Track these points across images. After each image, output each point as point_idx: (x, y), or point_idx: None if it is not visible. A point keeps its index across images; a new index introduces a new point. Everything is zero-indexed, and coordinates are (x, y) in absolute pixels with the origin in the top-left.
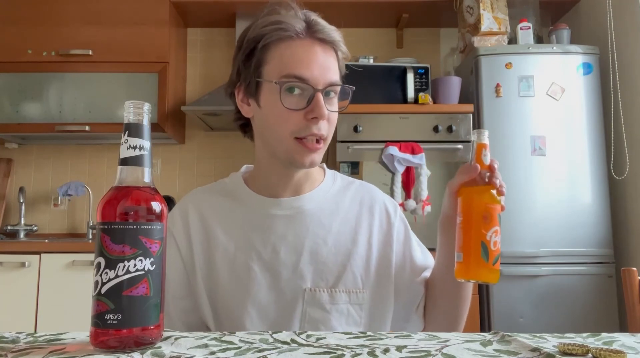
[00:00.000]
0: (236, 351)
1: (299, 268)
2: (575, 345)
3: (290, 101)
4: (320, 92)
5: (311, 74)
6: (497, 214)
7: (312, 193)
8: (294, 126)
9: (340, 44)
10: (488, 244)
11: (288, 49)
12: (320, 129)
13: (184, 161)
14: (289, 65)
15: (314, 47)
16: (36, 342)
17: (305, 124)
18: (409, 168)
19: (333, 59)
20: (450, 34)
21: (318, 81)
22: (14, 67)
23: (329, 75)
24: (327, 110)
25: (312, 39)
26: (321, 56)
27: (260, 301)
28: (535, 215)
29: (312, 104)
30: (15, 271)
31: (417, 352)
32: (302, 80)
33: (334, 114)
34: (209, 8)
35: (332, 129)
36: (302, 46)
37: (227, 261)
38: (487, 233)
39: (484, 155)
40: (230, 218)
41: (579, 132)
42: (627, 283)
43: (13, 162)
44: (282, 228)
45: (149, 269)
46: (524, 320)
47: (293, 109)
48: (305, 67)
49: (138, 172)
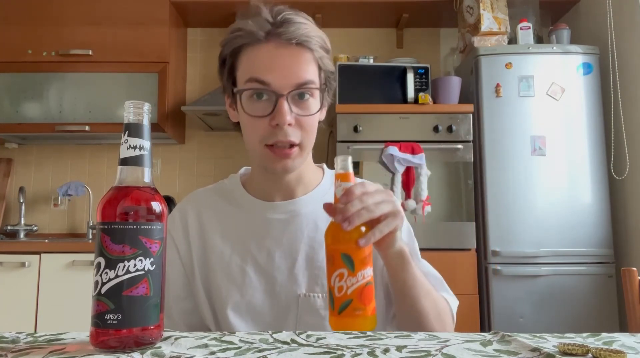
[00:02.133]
0: (236, 351)
1: (294, 273)
2: (575, 345)
3: (255, 108)
4: (285, 97)
5: (273, 78)
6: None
7: (309, 195)
8: (261, 133)
9: (312, 41)
10: (332, 290)
11: (252, 54)
12: (287, 136)
13: (184, 161)
14: (251, 70)
15: (278, 50)
16: (36, 342)
17: (270, 130)
18: (409, 168)
19: (306, 58)
20: (450, 34)
21: (282, 84)
22: (14, 67)
23: (296, 76)
24: (298, 115)
25: (276, 41)
26: (286, 58)
27: (255, 306)
28: (535, 215)
29: (275, 110)
30: (15, 271)
31: (417, 352)
32: (264, 84)
33: (309, 118)
34: (209, 8)
35: (309, 133)
36: (265, 50)
37: (223, 264)
38: (331, 277)
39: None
40: (228, 222)
41: (579, 132)
42: (627, 283)
43: (13, 162)
44: (278, 232)
45: (149, 269)
46: (524, 320)
47: (258, 116)
48: (267, 71)
49: (138, 172)
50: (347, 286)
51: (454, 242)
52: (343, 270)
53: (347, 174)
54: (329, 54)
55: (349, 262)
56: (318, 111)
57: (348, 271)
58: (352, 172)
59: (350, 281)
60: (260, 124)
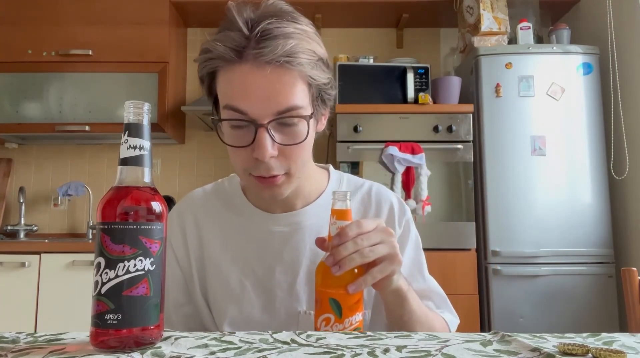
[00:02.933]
0: (236, 351)
1: (295, 289)
2: (575, 345)
3: (235, 137)
4: (265, 128)
5: (250, 106)
6: (330, 300)
7: (311, 206)
8: (243, 163)
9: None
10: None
11: (226, 76)
12: (270, 170)
13: (184, 161)
14: (227, 96)
15: (254, 74)
16: (36, 342)
17: (253, 161)
18: (409, 168)
19: (289, 80)
20: (450, 34)
21: (260, 114)
22: (14, 67)
23: (277, 103)
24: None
25: (252, 62)
26: (264, 81)
27: (254, 322)
28: (535, 215)
29: (255, 143)
30: (15, 271)
31: (417, 352)
32: (241, 113)
33: (296, 146)
34: (209, 8)
35: (297, 161)
36: (239, 73)
37: (221, 276)
38: (317, 320)
39: (331, 223)
40: (227, 230)
41: (579, 132)
42: (627, 283)
43: (13, 162)
44: (279, 245)
45: (149, 269)
46: (524, 320)
47: (239, 146)
48: (242, 98)
49: (138, 172)
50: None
51: (454, 242)
52: (329, 315)
53: (344, 211)
54: (323, 62)
55: (337, 308)
56: (305, 138)
57: (335, 318)
58: (350, 209)
59: (336, 327)
60: (242, 154)
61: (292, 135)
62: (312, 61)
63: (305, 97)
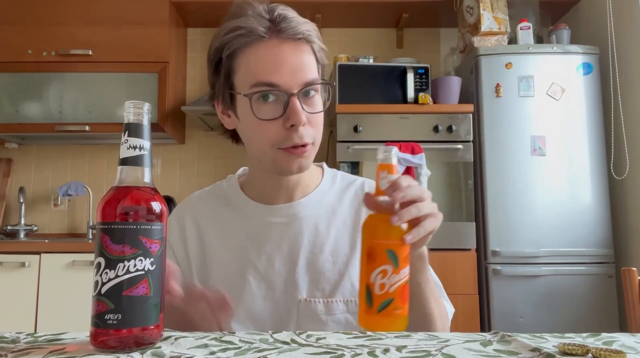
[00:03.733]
0: (236, 351)
1: (294, 278)
2: (575, 345)
3: (265, 111)
4: (296, 96)
5: (282, 78)
6: (387, 251)
7: (308, 197)
8: (274, 137)
9: (312, 36)
10: (372, 287)
11: (254, 54)
12: (303, 138)
13: (184, 161)
14: (257, 72)
15: (282, 48)
16: (36, 342)
17: (285, 134)
18: (409, 168)
19: (307, 54)
20: (450, 34)
21: (291, 84)
22: (14, 67)
23: (304, 74)
24: (308, 113)
25: (279, 38)
26: (291, 55)
27: (255, 313)
28: (535, 215)
29: (288, 111)
30: (15, 271)
31: (417, 352)
32: (273, 86)
33: (318, 115)
34: (209, 8)
35: (319, 130)
36: (269, 48)
37: (222, 271)
38: (371, 274)
39: (381, 178)
40: (226, 227)
41: (579, 132)
42: (627, 283)
43: (13, 162)
44: (277, 236)
45: (149, 269)
46: (524, 320)
47: (269, 119)
48: (274, 72)
49: (138, 172)
50: (389, 284)
51: (454, 242)
52: (387, 267)
53: (392, 166)
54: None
55: (394, 258)
56: (324, 107)
57: (392, 268)
58: (396, 164)
59: (393, 278)
60: (271, 128)
61: (314, 105)
62: (320, 45)
63: (318, 73)
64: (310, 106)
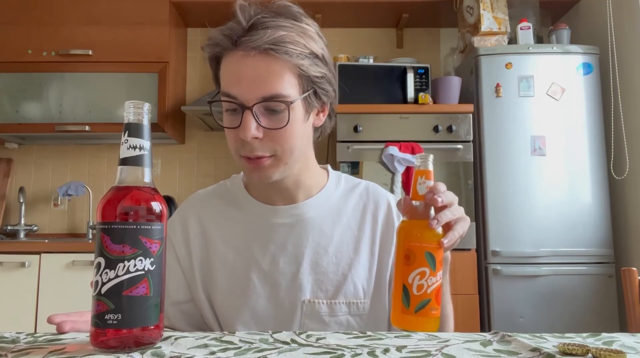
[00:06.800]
0: (236, 351)
1: (298, 279)
2: (575, 345)
3: (227, 120)
4: (250, 111)
5: (239, 90)
6: (425, 253)
7: (313, 199)
8: (234, 144)
9: (284, 48)
10: (410, 288)
11: (224, 65)
12: (253, 150)
13: (184, 161)
14: (223, 82)
15: (244, 60)
16: (36, 342)
17: (241, 143)
18: (409, 168)
19: (276, 68)
20: (450, 34)
21: (247, 97)
22: (14, 67)
23: (263, 88)
24: (264, 127)
25: (244, 49)
26: (251, 68)
27: (259, 313)
28: (535, 215)
29: (241, 124)
30: (15, 271)
31: (417, 352)
32: (232, 98)
33: (283, 129)
34: (209, 8)
35: (283, 144)
36: (234, 59)
37: (226, 270)
38: (410, 275)
39: (419, 183)
40: (230, 226)
41: (579, 132)
42: (627, 283)
43: (13, 162)
44: (282, 237)
45: (149, 269)
46: (524, 320)
47: (230, 128)
48: (233, 84)
49: (138, 172)
50: (427, 285)
51: None
52: (425, 269)
53: (429, 171)
54: (318, 57)
55: (432, 261)
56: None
57: (430, 271)
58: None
59: (431, 280)
60: (233, 136)
61: (278, 122)
62: (302, 53)
63: (293, 88)
64: (274, 121)
